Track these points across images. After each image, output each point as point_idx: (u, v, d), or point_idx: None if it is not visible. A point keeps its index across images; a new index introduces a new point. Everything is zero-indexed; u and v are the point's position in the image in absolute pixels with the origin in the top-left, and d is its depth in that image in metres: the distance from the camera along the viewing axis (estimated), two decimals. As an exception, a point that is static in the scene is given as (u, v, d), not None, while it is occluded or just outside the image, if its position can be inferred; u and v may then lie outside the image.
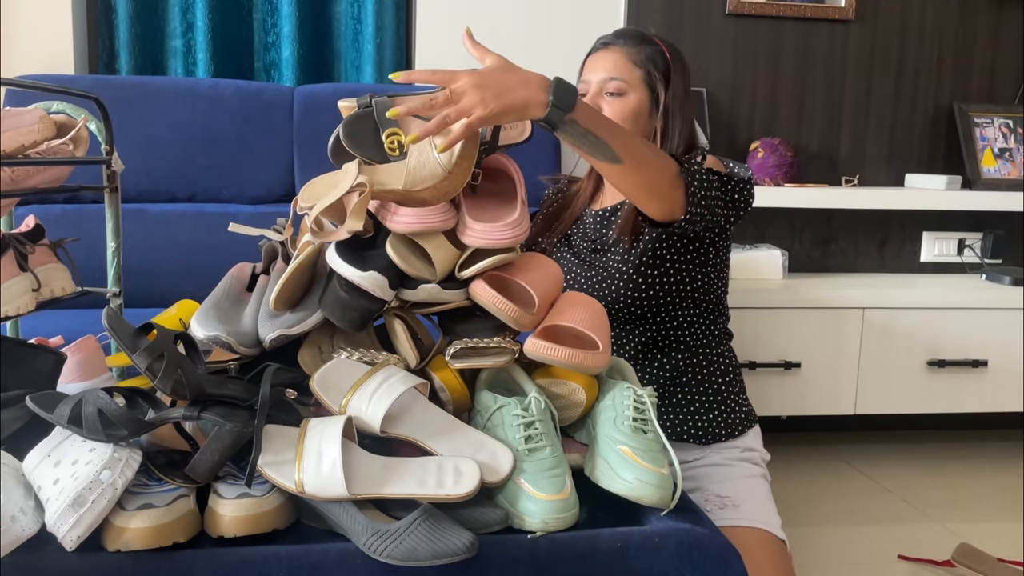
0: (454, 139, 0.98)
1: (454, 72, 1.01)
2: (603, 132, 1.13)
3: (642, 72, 1.46)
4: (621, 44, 1.47)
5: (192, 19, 2.44)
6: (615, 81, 1.44)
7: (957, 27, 2.72)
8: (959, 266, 2.79)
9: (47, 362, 1.04)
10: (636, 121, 1.45)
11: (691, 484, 1.41)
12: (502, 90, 1.01)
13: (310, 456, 0.87)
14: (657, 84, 1.46)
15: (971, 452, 2.59)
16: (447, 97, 0.99)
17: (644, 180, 1.19)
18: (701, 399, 1.46)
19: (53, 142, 1.08)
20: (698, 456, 1.44)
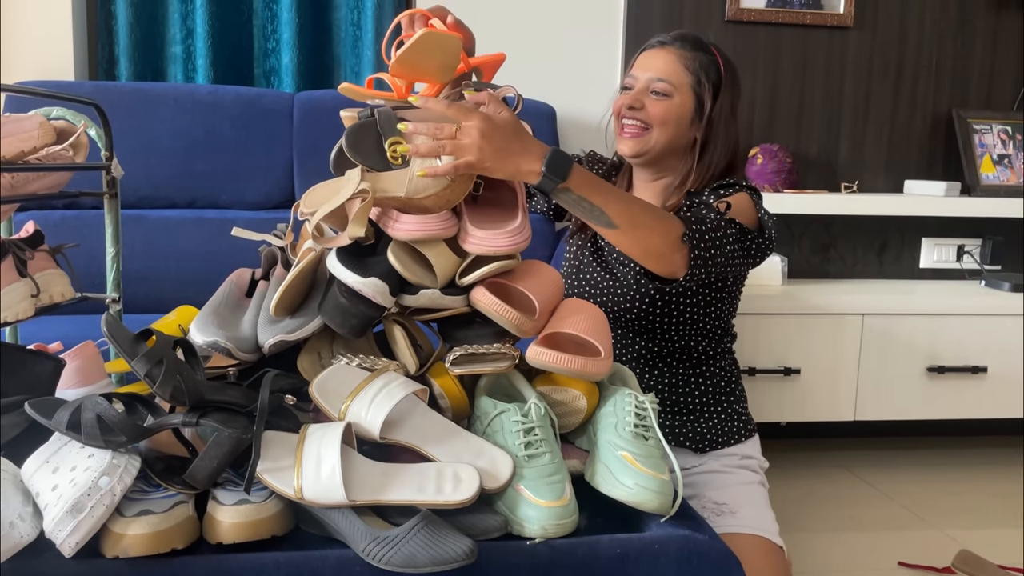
0: (437, 172, 0.99)
1: (469, 111, 1.02)
2: (598, 199, 1.12)
3: (692, 78, 1.44)
4: (677, 46, 1.46)
5: (192, 25, 2.44)
6: (663, 82, 1.43)
7: (955, 34, 2.73)
8: (958, 272, 2.79)
9: (46, 368, 1.04)
10: (677, 125, 1.44)
11: (689, 491, 1.41)
12: (502, 149, 1.02)
13: (309, 462, 0.87)
14: (705, 93, 1.44)
15: (971, 458, 2.58)
16: (451, 133, 1.00)
17: (641, 244, 1.19)
18: (701, 408, 1.46)
19: (53, 148, 1.08)
20: (696, 463, 1.44)
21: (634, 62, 1.50)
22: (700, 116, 1.45)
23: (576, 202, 1.11)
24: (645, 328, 1.46)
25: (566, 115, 2.53)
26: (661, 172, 1.50)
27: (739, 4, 2.60)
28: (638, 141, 1.45)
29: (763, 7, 2.61)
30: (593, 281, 1.50)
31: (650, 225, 1.19)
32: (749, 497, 1.40)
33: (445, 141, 1.00)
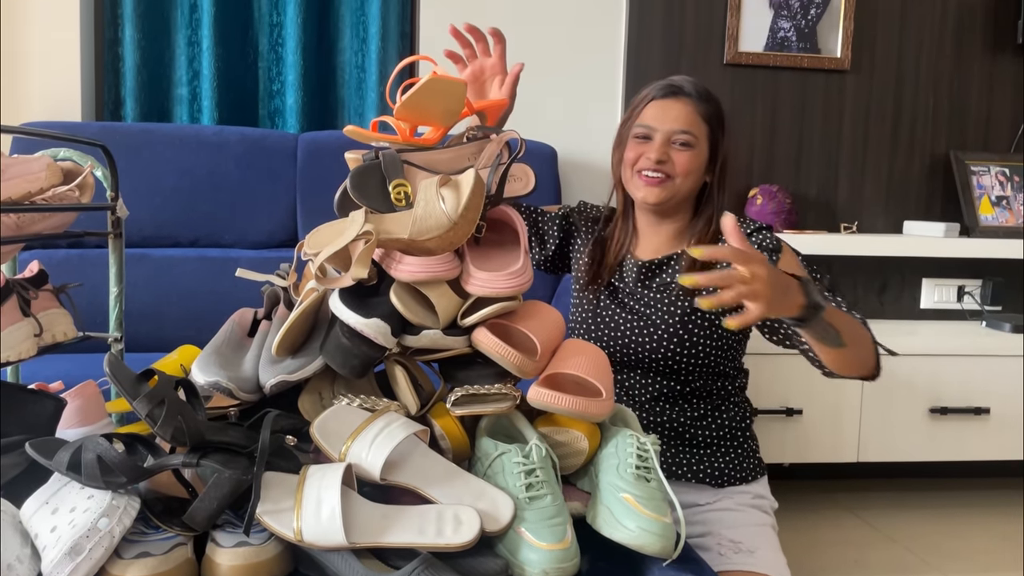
0: (744, 321, 0.98)
1: (748, 257, 1.01)
2: (835, 321, 1.16)
3: (708, 128, 1.48)
4: (693, 97, 1.48)
5: (198, 67, 2.48)
6: (686, 134, 1.45)
7: (952, 77, 2.76)
8: (959, 313, 2.80)
9: (47, 408, 1.04)
10: (697, 173, 1.47)
11: (702, 528, 1.41)
12: (779, 295, 1.04)
13: (309, 504, 0.86)
14: (719, 141, 1.48)
15: (974, 501, 2.56)
16: (743, 278, 1.00)
17: (857, 355, 1.25)
18: (719, 443, 1.46)
19: (59, 188, 1.10)
20: (711, 500, 1.43)
21: (643, 110, 1.49)
22: (713, 162, 1.49)
23: (824, 329, 1.13)
24: (668, 368, 1.46)
25: (566, 156, 2.56)
26: (670, 216, 1.52)
27: (737, 48, 2.63)
28: (663, 189, 1.46)
29: (761, 51, 2.65)
30: (614, 324, 1.50)
31: (862, 335, 1.25)
32: (764, 538, 1.39)
33: (742, 290, 0.99)
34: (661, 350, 1.45)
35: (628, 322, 1.48)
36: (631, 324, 1.48)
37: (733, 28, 2.63)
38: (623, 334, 1.48)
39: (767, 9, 2.64)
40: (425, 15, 2.53)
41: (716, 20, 2.63)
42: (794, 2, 2.65)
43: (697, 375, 1.46)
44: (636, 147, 1.49)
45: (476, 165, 1.12)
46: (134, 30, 2.41)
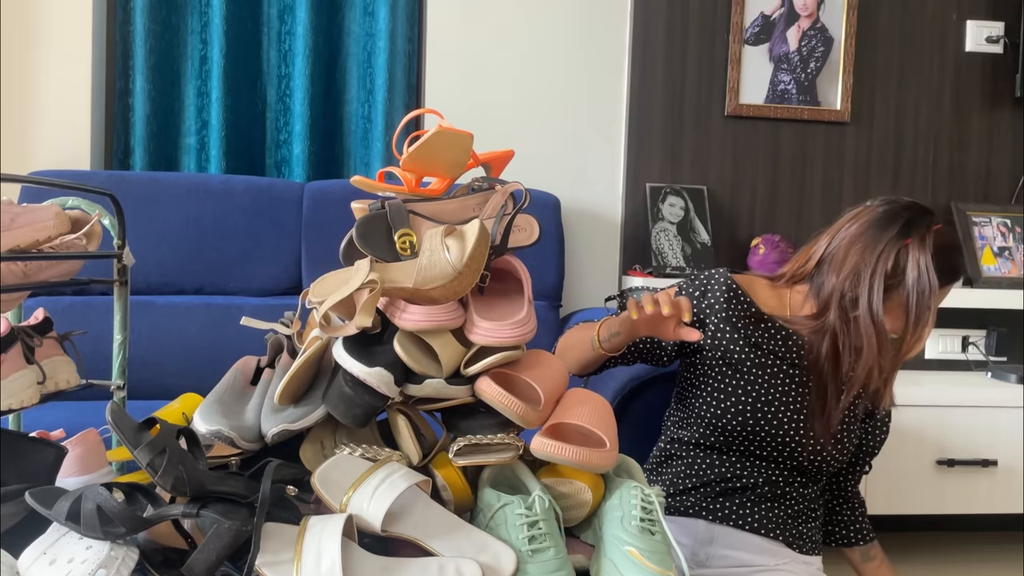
0: None
1: None
2: None
3: None
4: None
5: (207, 117, 2.52)
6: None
7: (951, 129, 2.80)
8: (964, 363, 2.78)
9: (48, 456, 1.03)
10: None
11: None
12: None
13: (309, 556, 0.85)
14: None
15: (981, 554, 2.52)
16: None
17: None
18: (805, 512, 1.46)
19: (67, 237, 1.11)
20: (780, 561, 1.42)
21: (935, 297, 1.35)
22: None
23: None
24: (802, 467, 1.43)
25: (570, 205, 2.58)
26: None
27: (738, 100, 2.67)
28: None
29: (761, 103, 2.69)
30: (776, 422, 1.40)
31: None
32: None
33: None
34: (827, 452, 1.42)
35: (797, 428, 1.40)
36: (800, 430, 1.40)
37: (734, 81, 2.67)
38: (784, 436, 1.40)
39: (767, 63, 2.69)
40: (431, 68, 2.58)
41: (717, 72, 2.68)
42: (794, 56, 2.70)
43: (827, 473, 1.47)
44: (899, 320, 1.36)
45: (481, 215, 1.13)
46: (144, 81, 2.46)
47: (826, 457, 1.42)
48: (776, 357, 1.43)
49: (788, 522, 1.43)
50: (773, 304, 1.47)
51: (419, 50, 2.61)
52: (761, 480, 1.42)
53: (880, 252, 1.34)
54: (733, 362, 1.42)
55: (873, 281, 1.34)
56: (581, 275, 2.63)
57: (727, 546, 1.41)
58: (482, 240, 1.01)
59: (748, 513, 1.42)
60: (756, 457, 1.43)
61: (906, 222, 1.35)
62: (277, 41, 2.57)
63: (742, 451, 1.43)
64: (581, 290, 2.65)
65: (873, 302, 1.34)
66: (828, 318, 1.39)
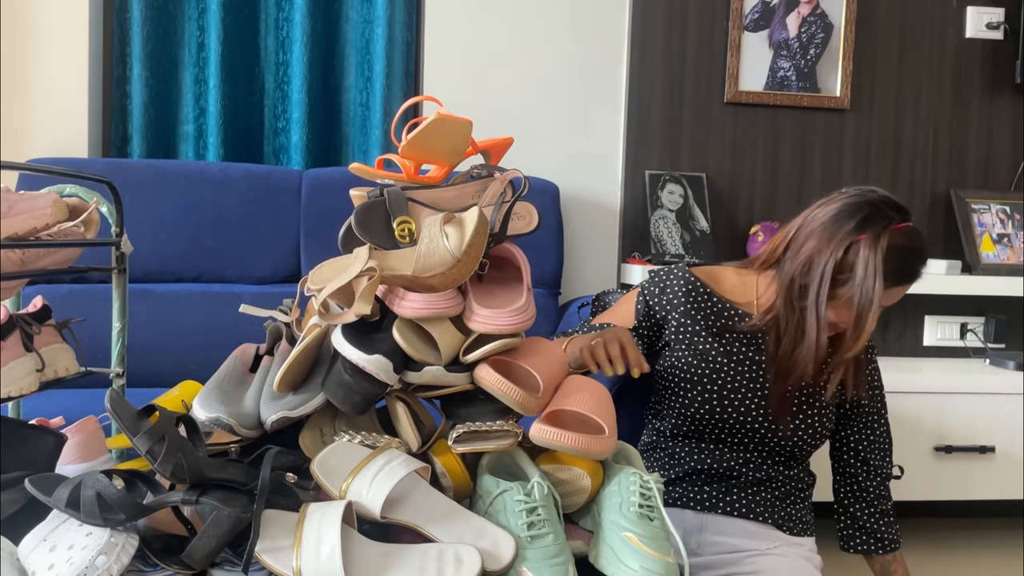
0: None
1: None
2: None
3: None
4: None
5: (204, 105, 2.51)
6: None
7: (951, 116, 2.79)
8: (962, 350, 2.79)
9: (47, 443, 1.04)
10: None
11: (753, 568, 1.39)
12: None
13: (309, 542, 0.86)
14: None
15: (980, 541, 2.53)
16: None
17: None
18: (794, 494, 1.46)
19: (65, 224, 1.10)
20: (769, 546, 1.42)
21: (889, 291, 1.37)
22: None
23: None
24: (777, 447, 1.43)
25: (568, 193, 2.57)
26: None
27: (738, 87, 2.66)
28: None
29: (761, 90, 2.68)
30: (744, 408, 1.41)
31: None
32: None
33: None
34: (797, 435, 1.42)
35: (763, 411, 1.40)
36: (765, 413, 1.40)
37: (733, 68, 2.66)
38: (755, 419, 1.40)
39: (767, 49, 2.68)
40: (429, 55, 2.56)
41: (716, 59, 2.67)
42: (793, 42, 2.69)
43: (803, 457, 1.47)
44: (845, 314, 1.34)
45: (480, 203, 1.12)
46: (142, 68, 2.44)
47: (797, 442, 1.42)
48: (740, 344, 1.43)
49: (776, 504, 1.44)
50: (738, 292, 1.49)
51: (417, 37, 2.60)
52: (739, 464, 1.43)
53: (833, 244, 1.33)
54: (698, 352, 1.43)
55: (824, 272, 1.33)
56: (580, 263, 2.63)
57: (717, 532, 1.42)
58: (481, 228, 1.01)
59: (735, 499, 1.43)
60: (730, 444, 1.43)
61: (865, 217, 1.34)
62: (275, 28, 2.55)
63: (715, 438, 1.43)
64: (580, 278, 2.65)
65: (820, 294, 1.33)
66: (776, 303, 1.39)
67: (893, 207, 1.37)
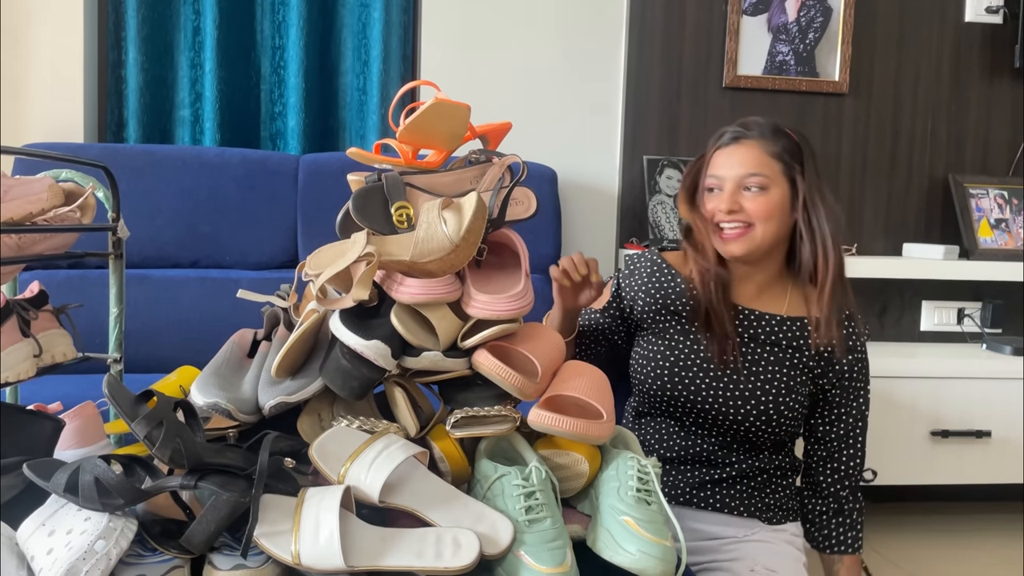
0: None
1: None
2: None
3: (781, 165, 1.39)
4: (756, 137, 1.40)
5: (201, 90, 2.49)
6: (757, 176, 1.37)
7: (950, 100, 2.78)
8: (959, 335, 2.79)
9: (45, 429, 1.04)
10: (781, 215, 1.39)
11: (735, 554, 1.40)
12: None
13: (307, 527, 0.86)
14: (796, 175, 1.39)
15: (976, 524, 2.55)
16: None
17: None
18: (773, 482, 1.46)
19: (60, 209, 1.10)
20: (748, 532, 1.43)
21: (711, 160, 1.44)
22: (795, 201, 1.40)
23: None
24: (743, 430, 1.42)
25: (566, 177, 2.57)
26: (763, 264, 1.45)
27: (736, 71, 2.65)
28: (744, 241, 1.39)
29: (759, 74, 2.67)
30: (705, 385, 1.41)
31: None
32: (797, 573, 1.39)
33: None
34: (751, 416, 1.39)
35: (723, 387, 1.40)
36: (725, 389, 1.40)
37: (732, 52, 2.65)
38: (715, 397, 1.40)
39: (766, 33, 2.66)
40: (426, 38, 2.55)
41: (715, 44, 2.66)
42: (792, 26, 2.68)
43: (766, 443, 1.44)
44: (710, 201, 1.42)
45: (478, 188, 1.12)
46: (137, 52, 2.43)
47: (751, 427, 1.40)
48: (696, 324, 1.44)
49: (753, 496, 1.44)
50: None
51: (415, 21, 2.59)
52: (705, 452, 1.43)
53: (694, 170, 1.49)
54: (658, 331, 1.47)
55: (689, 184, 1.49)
56: (578, 248, 2.62)
57: (694, 520, 1.42)
58: (479, 213, 1.01)
59: (709, 495, 1.43)
60: (686, 426, 1.44)
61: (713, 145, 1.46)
62: (271, 11, 2.54)
63: (669, 415, 1.45)
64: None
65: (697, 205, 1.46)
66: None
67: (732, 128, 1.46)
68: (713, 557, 1.40)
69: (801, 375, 1.42)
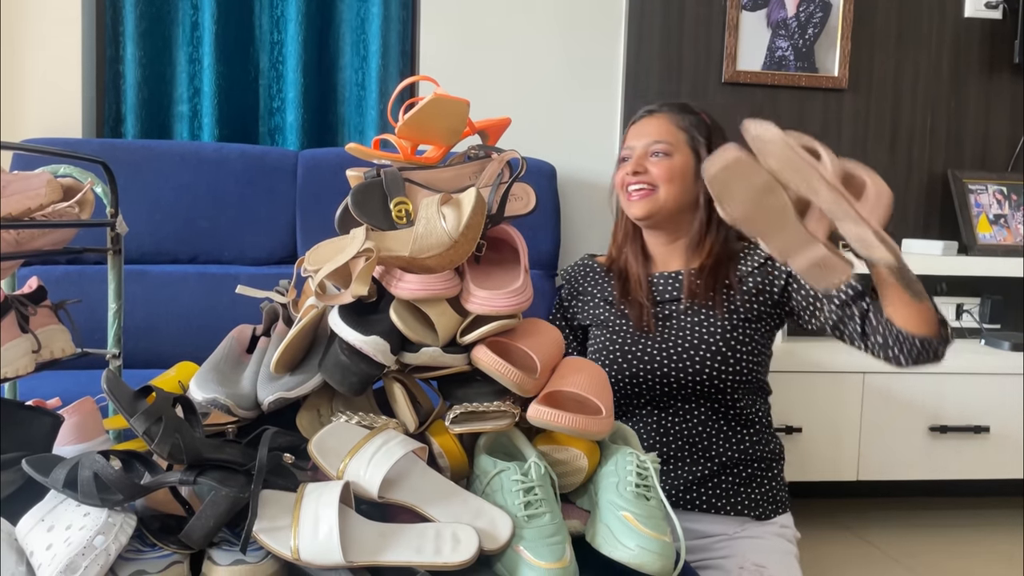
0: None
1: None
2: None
3: (686, 136, 1.52)
4: (665, 111, 1.55)
5: (199, 85, 2.49)
6: (660, 143, 1.50)
7: (949, 96, 2.78)
8: (958, 331, 2.79)
9: (44, 424, 1.04)
10: (683, 181, 1.50)
11: (726, 552, 1.40)
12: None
13: (306, 522, 0.86)
14: (700, 148, 1.51)
15: (975, 520, 2.55)
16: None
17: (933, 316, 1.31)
18: (754, 477, 1.46)
19: (59, 205, 1.10)
20: (737, 529, 1.43)
21: (627, 135, 1.58)
22: (699, 169, 1.48)
23: (910, 276, 1.17)
24: (714, 388, 1.44)
25: (565, 173, 2.56)
26: (676, 233, 1.54)
27: (735, 66, 2.65)
28: (647, 201, 1.50)
29: (759, 69, 2.66)
30: (648, 357, 1.47)
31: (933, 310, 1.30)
32: (788, 568, 1.39)
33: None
34: (705, 371, 1.43)
35: (665, 351, 1.46)
36: (669, 352, 1.46)
37: (731, 47, 2.64)
38: (661, 364, 1.45)
39: (765, 28, 2.66)
40: (425, 33, 2.54)
41: (714, 39, 2.65)
42: (792, 21, 2.67)
43: (741, 392, 1.46)
44: (621, 170, 1.55)
45: (477, 184, 1.12)
46: (135, 48, 2.42)
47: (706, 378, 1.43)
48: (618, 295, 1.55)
49: (740, 491, 1.44)
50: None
51: (413, 16, 2.58)
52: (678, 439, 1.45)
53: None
54: (599, 323, 1.56)
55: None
56: (577, 244, 2.62)
57: (684, 520, 1.42)
58: (478, 209, 1.01)
59: (694, 497, 1.43)
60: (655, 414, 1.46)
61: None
62: (269, 7, 2.53)
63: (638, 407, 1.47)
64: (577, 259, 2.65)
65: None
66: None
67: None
68: (703, 556, 1.41)
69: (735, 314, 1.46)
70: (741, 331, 1.46)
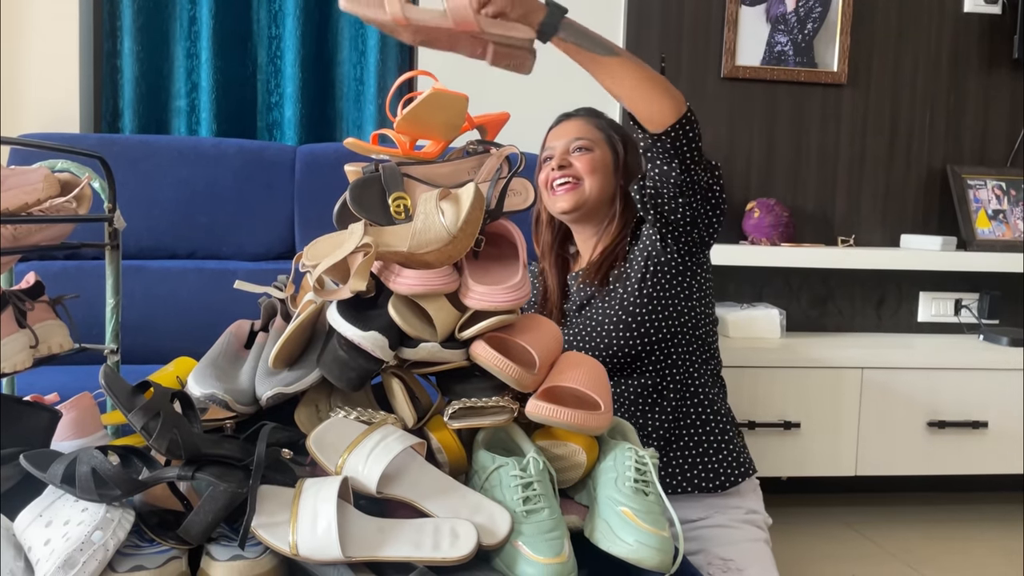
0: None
1: None
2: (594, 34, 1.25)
3: (603, 134, 1.59)
4: (582, 115, 1.63)
5: (197, 80, 2.48)
6: (582, 139, 1.56)
7: (948, 91, 2.78)
8: (956, 326, 2.80)
9: (42, 420, 1.03)
10: (604, 174, 1.55)
11: (694, 546, 1.40)
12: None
13: (305, 517, 0.86)
14: (617, 144, 1.58)
15: (973, 515, 2.55)
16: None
17: (643, 72, 1.30)
18: (703, 446, 1.45)
19: (56, 200, 1.09)
20: (702, 516, 1.43)
21: (546, 139, 1.63)
22: (618, 166, 1.57)
23: (582, 34, 1.26)
24: (629, 360, 1.47)
25: (565, 169, 2.56)
26: (599, 225, 1.59)
27: (735, 62, 2.65)
28: (573, 194, 1.53)
29: (758, 65, 2.66)
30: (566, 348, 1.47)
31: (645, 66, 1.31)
32: (756, 555, 1.38)
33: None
34: (614, 345, 1.47)
35: (578, 337, 1.52)
36: (581, 337, 1.51)
37: (730, 42, 2.64)
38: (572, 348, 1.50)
39: (764, 24, 2.66)
40: (424, 28, 2.54)
41: (713, 34, 2.65)
42: (791, 16, 2.67)
43: (662, 356, 1.46)
44: (542, 170, 1.59)
45: (476, 179, 1.12)
46: (133, 42, 2.42)
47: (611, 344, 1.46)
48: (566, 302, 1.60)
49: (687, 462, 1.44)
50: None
51: (412, 10, 2.57)
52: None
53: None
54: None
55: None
56: (576, 239, 2.62)
57: None
58: (477, 204, 1.01)
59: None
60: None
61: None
62: (267, 1, 2.52)
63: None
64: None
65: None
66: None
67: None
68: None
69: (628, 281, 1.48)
70: (640, 294, 1.46)
